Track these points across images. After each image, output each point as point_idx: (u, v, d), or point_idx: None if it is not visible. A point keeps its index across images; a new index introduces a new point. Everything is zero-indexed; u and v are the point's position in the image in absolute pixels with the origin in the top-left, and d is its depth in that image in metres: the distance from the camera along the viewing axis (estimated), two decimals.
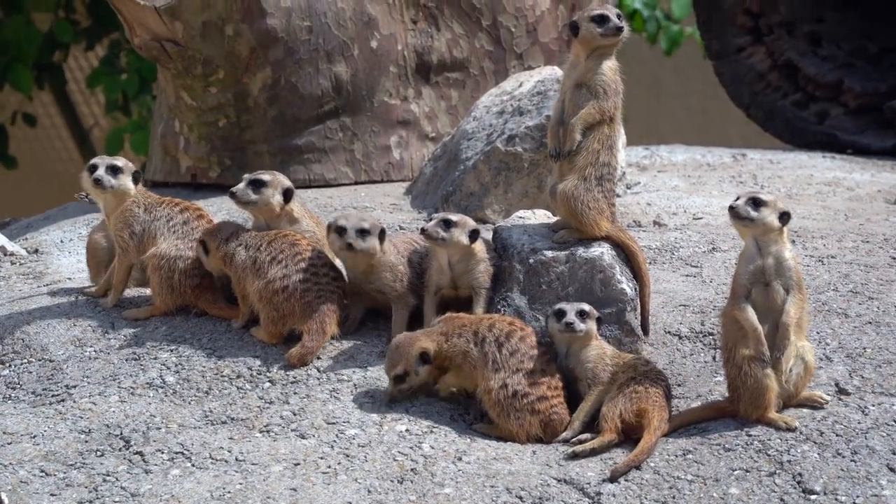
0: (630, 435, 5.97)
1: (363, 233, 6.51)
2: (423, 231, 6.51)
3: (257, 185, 6.80)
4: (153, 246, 6.95)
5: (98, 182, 6.94)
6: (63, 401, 6.33)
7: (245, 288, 6.67)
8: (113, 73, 13.98)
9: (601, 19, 6.50)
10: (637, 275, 6.59)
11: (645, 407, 5.96)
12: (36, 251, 8.33)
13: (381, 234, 6.58)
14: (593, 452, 5.91)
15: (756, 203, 5.96)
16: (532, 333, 6.21)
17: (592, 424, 6.08)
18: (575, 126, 6.49)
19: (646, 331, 6.58)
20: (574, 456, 5.89)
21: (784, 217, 5.97)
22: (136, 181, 7.03)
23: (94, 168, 6.97)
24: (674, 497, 5.61)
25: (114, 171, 6.98)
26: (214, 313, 6.93)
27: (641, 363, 6.17)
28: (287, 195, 6.84)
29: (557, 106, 6.64)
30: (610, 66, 6.53)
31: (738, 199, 5.99)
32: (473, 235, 6.54)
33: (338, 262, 6.77)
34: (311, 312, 6.53)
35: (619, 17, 6.51)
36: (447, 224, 6.51)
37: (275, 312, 6.56)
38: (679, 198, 8.79)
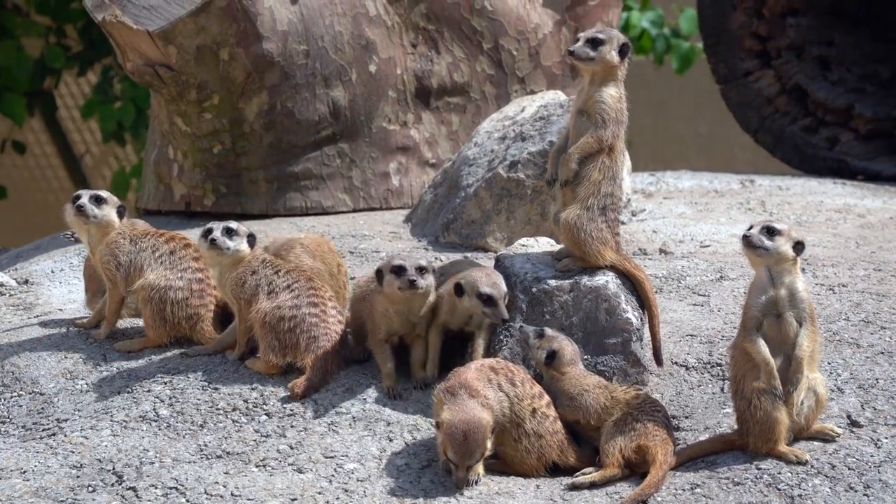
0: (636, 470, 5.98)
1: (422, 270, 6.48)
2: (458, 286, 6.48)
3: (230, 233, 6.79)
4: (140, 278, 6.96)
5: (81, 210, 6.94)
6: (54, 435, 6.33)
7: (249, 307, 6.66)
8: (107, 102, 14.00)
9: (574, 42, 6.54)
10: (645, 304, 6.59)
11: (646, 444, 5.96)
12: (26, 282, 8.34)
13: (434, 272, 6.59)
14: (593, 485, 5.91)
15: (770, 232, 5.95)
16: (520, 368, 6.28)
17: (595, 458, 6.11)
18: (571, 155, 6.50)
19: (659, 362, 6.57)
20: (574, 487, 5.90)
21: (798, 247, 5.97)
22: (120, 215, 7.03)
23: (77, 198, 6.98)
24: None
25: (97, 201, 6.99)
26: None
27: (632, 396, 6.16)
28: (251, 240, 6.81)
29: (563, 132, 6.66)
30: (611, 94, 6.52)
31: (751, 227, 5.98)
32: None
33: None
34: (317, 349, 6.54)
35: (592, 41, 6.45)
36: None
37: (276, 342, 6.56)
38: (686, 225, 8.81)
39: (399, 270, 6.43)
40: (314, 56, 9.31)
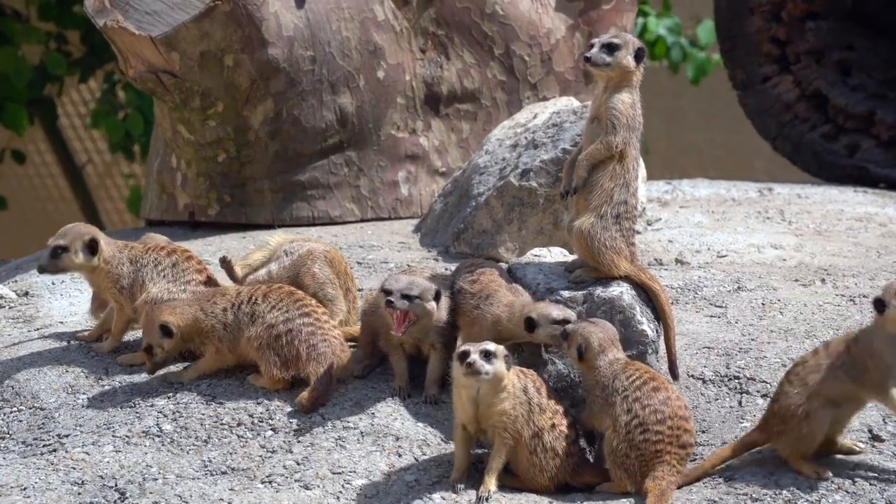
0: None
1: (409, 299, 6.41)
2: (530, 322, 6.43)
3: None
4: (143, 293, 6.98)
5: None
6: (55, 451, 6.35)
7: (237, 341, 6.66)
8: (113, 113, 14.02)
9: (589, 48, 6.55)
10: (660, 316, 6.59)
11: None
12: (26, 294, 8.36)
13: (437, 296, 6.51)
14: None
15: None
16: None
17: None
18: (581, 163, 6.52)
19: (675, 375, 6.56)
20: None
21: None
22: (92, 251, 7.00)
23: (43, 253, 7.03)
24: None
25: (54, 253, 6.97)
26: None
27: None
28: None
29: (578, 141, 6.68)
30: (623, 100, 6.52)
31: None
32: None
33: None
34: (318, 356, 6.54)
35: (608, 46, 6.48)
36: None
37: (276, 358, 6.56)
38: (702, 234, 8.81)
39: (386, 294, 6.40)
40: (321, 62, 9.32)
